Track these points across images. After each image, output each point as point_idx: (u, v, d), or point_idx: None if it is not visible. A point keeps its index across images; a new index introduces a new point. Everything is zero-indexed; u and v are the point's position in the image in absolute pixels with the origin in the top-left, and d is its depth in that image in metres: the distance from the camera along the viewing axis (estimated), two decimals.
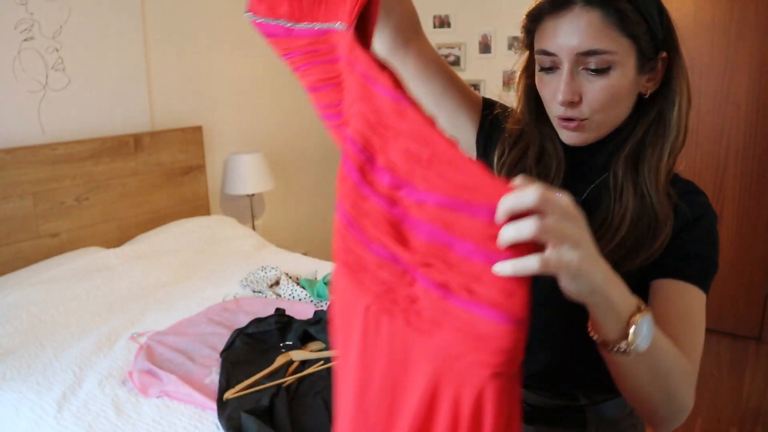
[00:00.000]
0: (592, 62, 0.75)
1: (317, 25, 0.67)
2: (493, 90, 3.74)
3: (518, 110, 0.92)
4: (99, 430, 1.49)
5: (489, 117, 0.95)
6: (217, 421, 1.50)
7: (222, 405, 1.53)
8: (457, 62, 3.87)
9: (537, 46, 0.81)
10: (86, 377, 1.72)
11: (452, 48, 3.88)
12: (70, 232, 2.54)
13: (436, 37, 3.95)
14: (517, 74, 0.93)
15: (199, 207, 3.10)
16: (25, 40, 2.37)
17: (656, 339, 0.63)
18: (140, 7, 2.79)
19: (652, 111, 0.82)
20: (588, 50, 0.75)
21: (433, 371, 0.51)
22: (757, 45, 2.97)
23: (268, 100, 3.56)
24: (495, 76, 3.74)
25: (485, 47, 3.73)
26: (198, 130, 3.07)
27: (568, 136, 0.82)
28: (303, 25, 0.69)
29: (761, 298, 3.17)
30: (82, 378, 1.72)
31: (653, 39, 0.77)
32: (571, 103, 0.78)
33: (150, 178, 2.84)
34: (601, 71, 0.76)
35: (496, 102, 0.98)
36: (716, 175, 3.19)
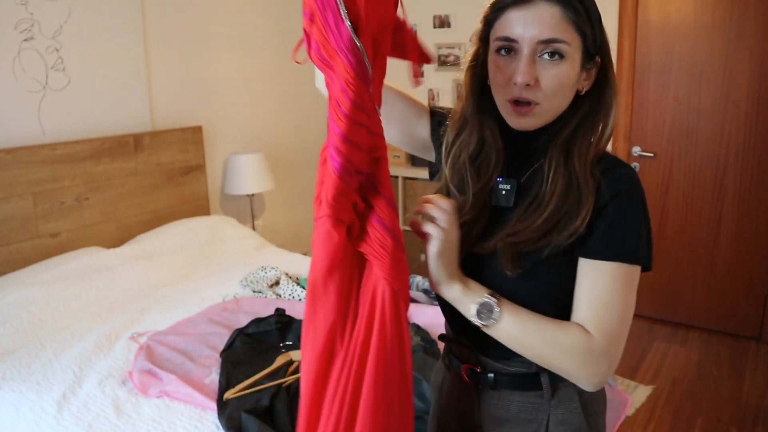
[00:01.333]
0: (550, 50, 0.86)
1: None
2: None
3: (464, 98, 1.00)
4: (99, 430, 1.49)
5: (438, 120, 1.07)
6: (217, 421, 1.50)
7: (222, 405, 1.53)
8: (457, 62, 3.87)
9: (498, 34, 0.90)
10: (86, 377, 1.72)
11: (452, 48, 3.88)
12: (70, 232, 2.54)
13: (436, 37, 3.95)
14: (466, 64, 1.00)
15: (199, 207, 3.10)
16: (25, 40, 2.37)
17: (506, 319, 0.85)
18: (140, 7, 2.79)
19: (584, 107, 0.93)
20: (549, 38, 0.85)
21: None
22: (757, 45, 2.97)
23: (268, 100, 3.56)
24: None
25: None
26: (198, 130, 3.07)
27: (517, 122, 0.91)
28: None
29: (761, 298, 3.17)
30: (82, 378, 1.72)
31: (594, 42, 0.89)
32: (527, 86, 0.87)
33: (150, 178, 2.84)
34: (556, 57, 0.86)
35: (442, 108, 1.10)
36: (716, 175, 3.19)
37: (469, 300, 0.87)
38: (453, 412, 1.03)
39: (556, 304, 0.90)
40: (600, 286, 0.86)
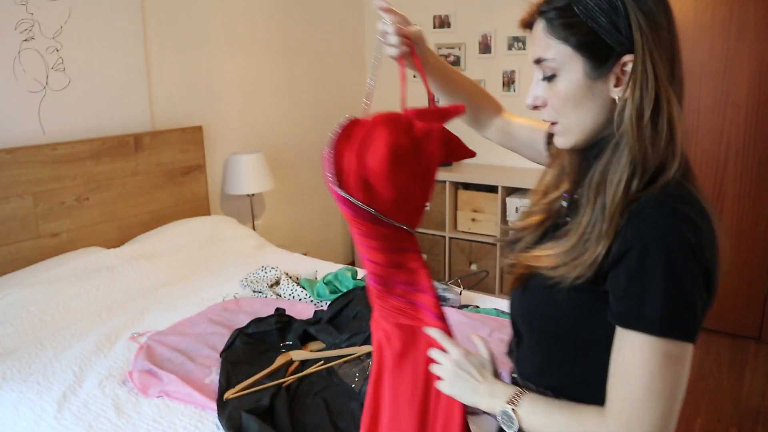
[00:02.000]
0: (542, 72, 0.83)
1: (397, 224, 0.93)
2: (493, 90, 3.75)
3: None
4: (99, 430, 1.49)
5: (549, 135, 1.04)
6: (217, 421, 1.50)
7: (222, 405, 1.53)
8: (457, 62, 3.87)
9: None
10: (86, 377, 1.72)
11: (452, 48, 3.88)
12: (70, 232, 2.54)
13: (436, 37, 3.95)
14: None
15: (199, 207, 3.10)
16: (25, 40, 2.37)
17: (529, 421, 0.83)
18: (140, 7, 2.79)
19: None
20: (535, 59, 0.83)
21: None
22: (757, 45, 2.97)
23: (268, 100, 3.56)
24: (495, 76, 3.74)
25: (485, 47, 3.73)
26: (198, 130, 3.07)
27: (555, 139, 0.89)
28: (386, 219, 0.91)
29: (761, 298, 3.18)
30: (82, 378, 1.72)
31: (601, 44, 0.78)
32: (536, 107, 0.86)
33: (150, 178, 2.84)
34: (548, 78, 0.83)
35: None
36: (716, 175, 3.19)
37: (492, 411, 0.88)
38: None
39: (572, 340, 0.85)
40: (621, 356, 0.76)
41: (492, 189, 3.49)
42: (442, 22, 3.89)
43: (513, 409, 0.84)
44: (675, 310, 0.73)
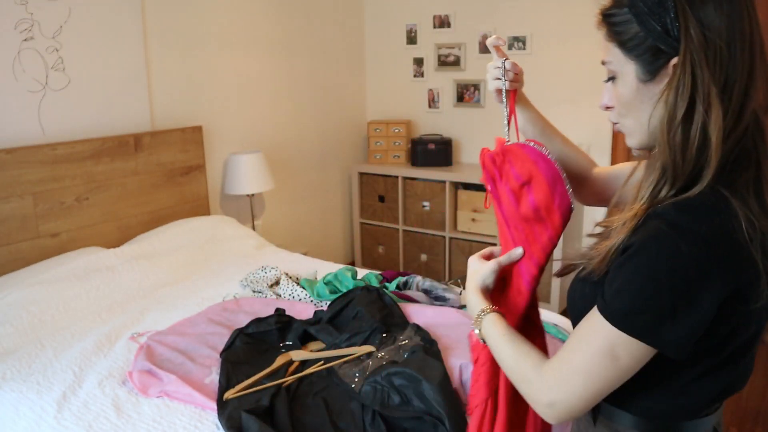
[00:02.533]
0: (606, 75, 0.86)
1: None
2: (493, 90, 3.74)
3: None
4: (99, 430, 1.49)
5: None
6: (217, 421, 1.50)
7: (222, 405, 1.53)
8: (457, 62, 3.87)
9: None
10: (86, 377, 1.72)
11: (452, 48, 3.88)
12: (70, 232, 2.54)
13: (436, 37, 3.95)
14: None
15: (199, 207, 3.10)
16: (25, 40, 2.37)
17: (495, 338, 0.91)
18: (140, 7, 2.79)
19: None
20: (602, 61, 0.86)
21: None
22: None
23: (268, 100, 3.56)
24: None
25: (485, 47, 3.73)
26: (198, 130, 3.07)
27: (625, 140, 0.91)
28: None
29: None
30: (82, 378, 1.72)
31: (652, 47, 0.77)
32: (607, 108, 0.89)
33: (150, 178, 2.84)
34: (611, 80, 0.86)
35: None
36: None
37: (472, 311, 0.98)
38: None
39: None
40: (583, 326, 0.81)
41: None
42: (442, 22, 3.89)
43: (478, 330, 0.95)
44: (638, 310, 0.74)
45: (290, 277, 2.40)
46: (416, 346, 1.68)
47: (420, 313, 2.02)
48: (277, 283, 2.40)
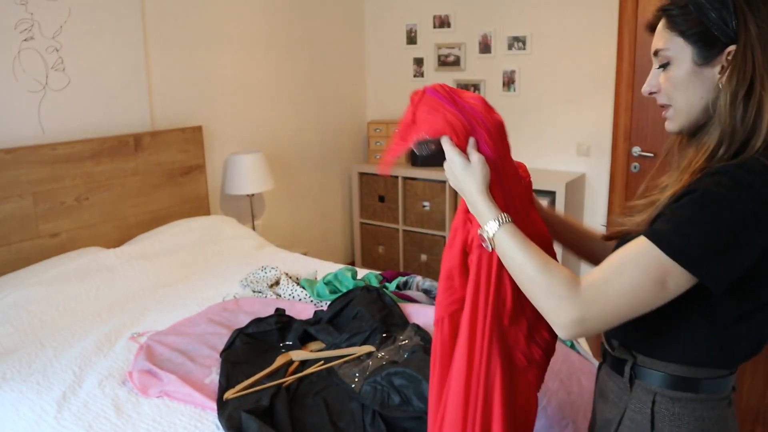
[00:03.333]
0: (658, 61, 0.96)
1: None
2: (493, 90, 3.75)
3: None
4: (99, 430, 1.49)
5: None
6: (217, 421, 1.50)
7: (222, 405, 1.53)
8: (457, 62, 3.87)
9: None
10: (86, 377, 1.72)
11: (452, 48, 3.88)
12: (70, 232, 2.54)
13: (436, 37, 3.95)
14: None
15: (199, 207, 3.10)
16: (25, 40, 2.37)
17: (517, 249, 0.92)
18: (140, 7, 2.79)
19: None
20: (654, 50, 0.96)
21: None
22: None
23: (268, 100, 3.56)
24: (495, 76, 3.74)
25: (485, 47, 3.73)
26: (198, 130, 3.07)
27: (666, 125, 1.00)
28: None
29: None
30: (82, 378, 1.72)
31: (709, 35, 0.89)
32: (651, 93, 0.98)
33: (150, 178, 2.84)
34: (663, 66, 0.95)
35: None
36: None
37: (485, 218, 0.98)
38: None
39: None
40: (624, 249, 0.88)
41: None
42: (442, 22, 3.89)
43: (500, 224, 0.95)
44: (695, 244, 0.82)
45: (290, 277, 2.40)
46: (416, 346, 1.68)
47: (420, 313, 2.02)
48: (277, 283, 2.40)
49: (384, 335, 1.81)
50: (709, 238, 0.82)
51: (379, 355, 1.68)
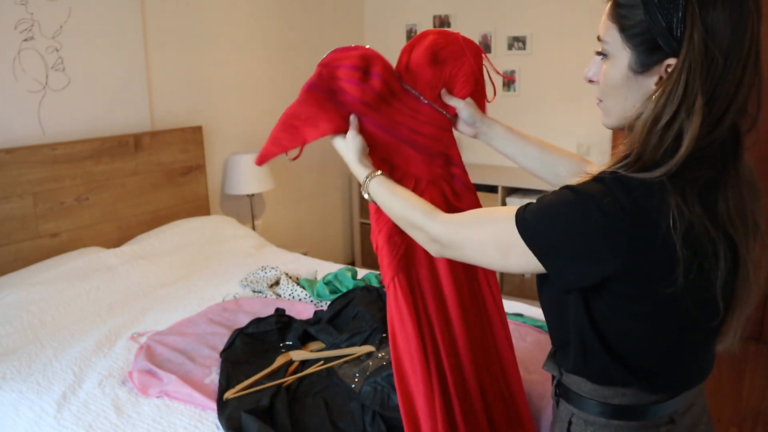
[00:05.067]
0: (601, 49, 0.86)
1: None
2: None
3: None
4: (99, 430, 1.49)
5: None
6: (217, 421, 1.50)
7: (222, 405, 1.53)
8: None
9: None
10: (86, 377, 1.72)
11: None
12: (70, 232, 2.54)
13: None
14: None
15: (199, 207, 3.10)
16: (25, 40, 2.37)
17: (383, 196, 1.05)
18: (140, 7, 2.79)
19: None
20: (598, 35, 0.86)
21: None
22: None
23: (268, 100, 3.56)
24: (495, 75, 3.73)
25: (485, 47, 3.73)
26: (198, 130, 3.07)
27: (601, 118, 0.94)
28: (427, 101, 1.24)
29: (761, 299, 3.17)
30: (82, 378, 1.72)
31: (651, 40, 0.77)
32: (591, 81, 0.90)
33: (150, 178, 2.84)
34: (603, 56, 0.85)
35: None
36: None
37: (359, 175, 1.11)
38: None
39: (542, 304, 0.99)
40: (493, 208, 0.94)
41: (492, 189, 3.49)
42: (442, 22, 3.89)
43: (368, 180, 1.08)
44: (538, 227, 0.82)
45: (290, 277, 2.40)
46: None
47: None
48: (277, 283, 2.40)
49: (384, 335, 1.81)
50: (559, 232, 0.80)
51: (379, 355, 1.68)
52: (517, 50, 3.60)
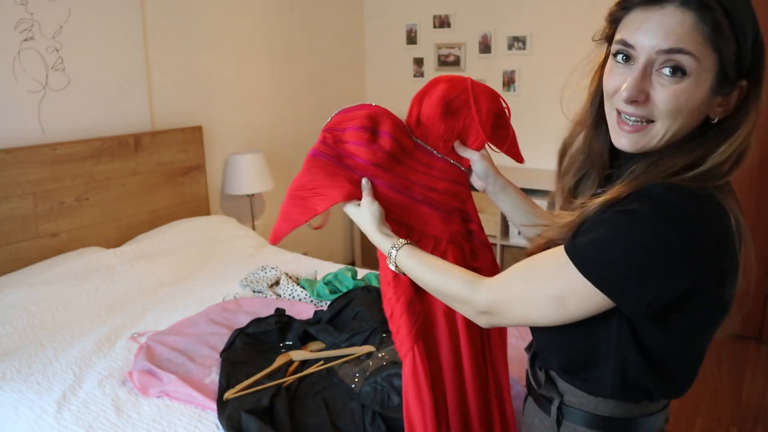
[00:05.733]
0: (671, 64, 0.73)
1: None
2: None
3: (585, 106, 0.93)
4: (99, 430, 1.49)
5: None
6: (217, 421, 1.50)
7: (222, 405, 1.53)
8: (457, 62, 3.87)
9: (618, 36, 0.80)
10: (86, 377, 1.72)
11: (452, 48, 3.88)
12: (70, 232, 2.54)
13: (436, 37, 3.95)
14: (593, 68, 0.92)
15: (199, 207, 3.10)
16: (25, 40, 2.37)
17: (409, 260, 0.99)
18: (140, 8, 2.79)
19: (707, 136, 0.79)
20: (671, 48, 0.72)
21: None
22: None
23: (268, 100, 3.56)
24: (495, 76, 3.74)
25: (485, 47, 3.73)
26: (198, 130, 3.07)
27: (623, 141, 0.80)
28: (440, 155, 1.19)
29: (761, 298, 3.18)
30: (82, 378, 1.72)
31: (738, 63, 0.74)
32: (635, 102, 0.76)
33: (150, 178, 2.84)
34: (678, 74, 0.73)
35: None
36: None
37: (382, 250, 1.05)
38: None
39: None
40: (540, 257, 0.85)
41: None
42: (442, 22, 3.89)
43: (397, 249, 1.01)
44: (608, 262, 0.74)
45: (290, 277, 2.40)
46: None
47: None
48: (277, 283, 2.40)
49: (384, 335, 1.81)
50: (621, 257, 0.73)
51: (380, 355, 1.68)
52: (517, 50, 3.60)
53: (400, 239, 1.02)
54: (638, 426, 0.88)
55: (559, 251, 0.80)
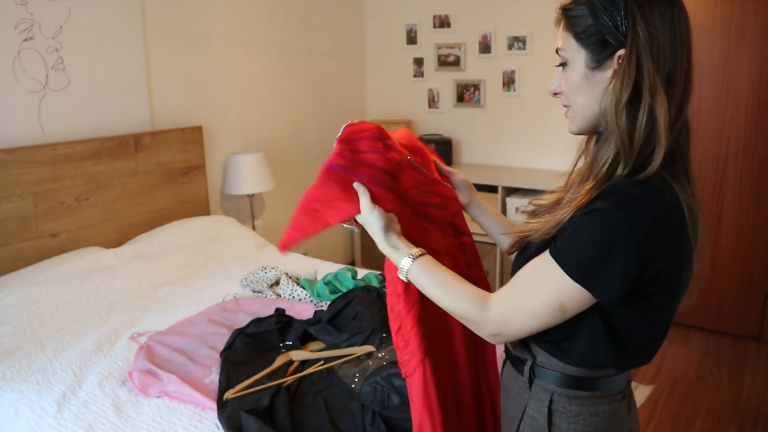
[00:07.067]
0: (559, 58, 0.96)
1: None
2: (493, 89, 3.75)
3: None
4: (99, 430, 1.49)
5: None
6: (217, 421, 1.50)
7: (222, 405, 1.53)
8: (457, 62, 3.87)
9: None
10: (86, 377, 1.72)
11: (452, 48, 3.88)
12: (70, 232, 2.54)
13: (436, 37, 3.95)
14: None
15: (199, 207, 3.10)
16: (25, 40, 2.37)
17: (422, 276, 1.00)
18: (140, 7, 2.79)
19: None
20: (556, 48, 0.96)
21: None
22: (757, 45, 2.97)
23: (268, 100, 3.56)
24: (495, 76, 3.74)
25: (485, 47, 3.73)
26: (198, 130, 3.07)
27: (568, 126, 1.00)
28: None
29: (761, 298, 3.18)
30: (82, 378, 1.72)
31: (601, 38, 0.89)
32: (555, 94, 0.98)
33: (150, 178, 2.84)
34: (562, 65, 0.96)
35: None
36: (716, 175, 3.19)
37: (393, 261, 1.06)
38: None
39: None
40: (533, 267, 0.92)
41: (492, 189, 3.49)
42: (442, 22, 3.89)
43: (411, 260, 1.02)
44: (593, 265, 0.84)
45: (290, 277, 2.40)
46: None
47: None
48: (277, 283, 2.40)
49: (384, 335, 1.81)
50: (599, 254, 0.84)
51: (379, 355, 1.68)
52: (517, 50, 3.60)
53: (413, 249, 1.04)
54: (603, 385, 0.98)
55: (547, 259, 0.89)
